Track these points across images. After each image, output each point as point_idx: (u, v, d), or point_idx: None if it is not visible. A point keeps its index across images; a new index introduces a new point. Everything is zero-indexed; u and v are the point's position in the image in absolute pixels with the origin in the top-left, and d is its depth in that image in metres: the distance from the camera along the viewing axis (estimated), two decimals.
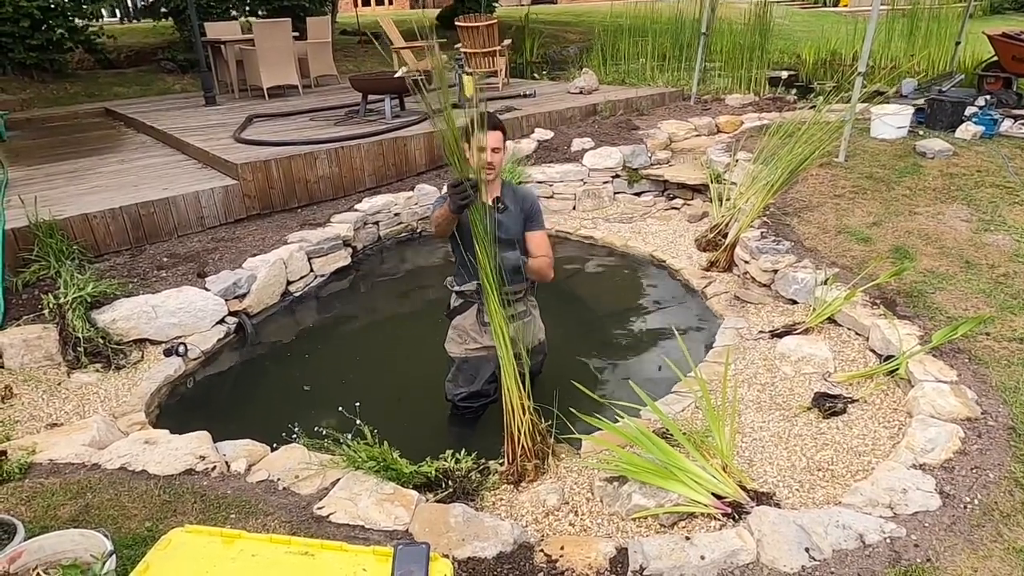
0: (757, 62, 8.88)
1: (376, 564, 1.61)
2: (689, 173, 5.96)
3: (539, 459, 2.63)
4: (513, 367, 2.55)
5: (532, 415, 2.61)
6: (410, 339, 4.16)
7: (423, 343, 3.93)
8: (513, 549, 2.11)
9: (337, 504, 2.28)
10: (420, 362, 3.80)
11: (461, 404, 3.12)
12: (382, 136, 5.97)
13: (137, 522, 2.18)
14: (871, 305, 3.48)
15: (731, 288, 4.27)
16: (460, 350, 3.06)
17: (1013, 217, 4.13)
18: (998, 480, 2.26)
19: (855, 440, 2.70)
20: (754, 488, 2.43)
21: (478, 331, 3.00)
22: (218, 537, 1.69)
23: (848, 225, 4.24)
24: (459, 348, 3.06)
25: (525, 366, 2.59)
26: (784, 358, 3.36)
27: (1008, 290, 3.47)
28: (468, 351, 3.04)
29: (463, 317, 3.03)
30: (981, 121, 5.45)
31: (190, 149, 6.14)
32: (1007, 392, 2.71)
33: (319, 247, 4.85)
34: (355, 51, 13.51)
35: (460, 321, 3.04)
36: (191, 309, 3.95)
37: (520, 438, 2.57)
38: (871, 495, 2.23)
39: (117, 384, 3.48)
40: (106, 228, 4.56)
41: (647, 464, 2.42)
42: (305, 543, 1.68)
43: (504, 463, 2.65)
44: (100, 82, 10.48)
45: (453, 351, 3.09)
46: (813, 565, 1.98)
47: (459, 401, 3.11)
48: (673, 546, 2.04)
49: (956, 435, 2.48)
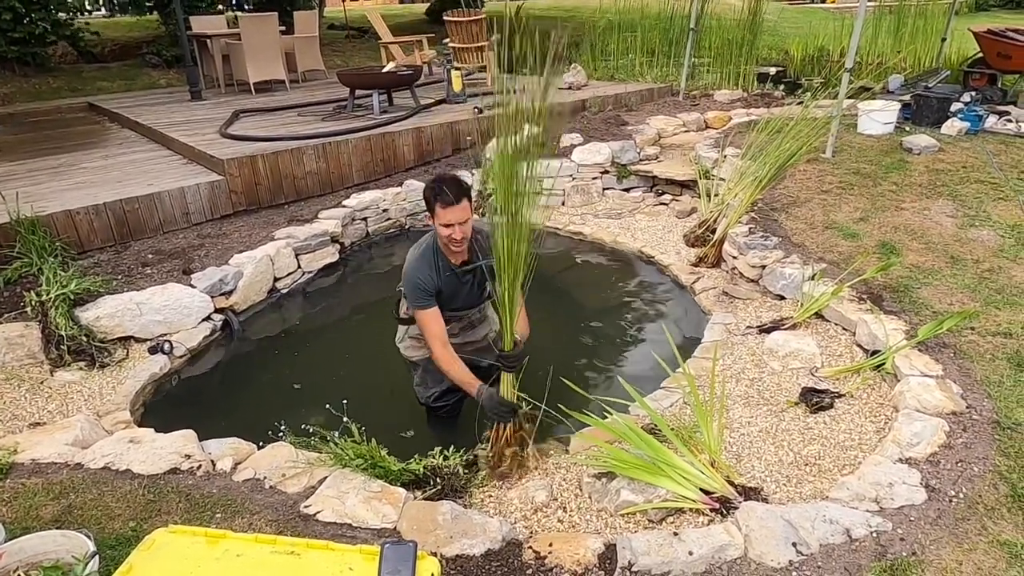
0: (746, 58, 8.89)
1: (363, 563, 1.60)
2: (678, 169, 5.97)
3: (519, 446, 2.63)
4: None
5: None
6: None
7: None
8: (501, 546, 2.10)
9: (324, 502, 2.27)
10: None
11: (435, 404, 3.11)
12: (370, 132, 5.93)
13: (121, 522, 2.16)
14: (858, 300, 3.50)
15: (719, 283, 4.28)
16: (420, 353, 3.00)
17: (998, 213, 4.16)
18: (983, 473, 2.28)
19: (842, 435, 2.72)
20: (742, 483, 2.43)
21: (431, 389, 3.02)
22: (202, 537, 1.67)
23: (835, 221, 4.26)
24: (419, 352, 3.01)
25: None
26: (772, 353, 3.37)
27: (992, 285, 3.50)
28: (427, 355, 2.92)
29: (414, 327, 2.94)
30: (967, 117, 5.49)
31: (175, 145, 6.07)
32: (991, 386, 2.73)
33: (306, 243, 4.82)
34: (343, 46, 13.42)
35: (413, 330, 2.99)
36: (176, 306, 3.91)
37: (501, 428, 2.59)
38: (858, 489, 2.24)
39: (101, 382, 3.44)
40: (90, 224, 4.50)
41: (635, 460, 2.42)
42: (291, 542, 1.67)
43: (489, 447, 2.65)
44: (83, 76, 10.35)
45: (413, 355, 3.05)
46: (800, 560, 1.98)
47: (433, 403, 3.11)
48: (661, 542, 2.04)
49: (941, 429, 2.50)
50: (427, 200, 2.60)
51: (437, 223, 2.57)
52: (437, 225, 2.58)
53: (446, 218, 2.53)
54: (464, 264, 2.75)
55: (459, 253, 2.71)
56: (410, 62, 8.82)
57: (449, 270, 2.74)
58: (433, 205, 2.55)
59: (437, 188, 2.55)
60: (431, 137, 6.28)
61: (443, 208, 2.52)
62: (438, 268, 2.72)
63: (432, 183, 2.62)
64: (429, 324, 2.71)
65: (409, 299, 2.78)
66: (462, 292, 2.84)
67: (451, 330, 2.90)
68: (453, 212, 2.52)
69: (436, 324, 2.72)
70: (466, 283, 2.84)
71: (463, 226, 2.57)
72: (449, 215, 2.52)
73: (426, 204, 2.62)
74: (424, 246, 2.75)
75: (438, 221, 2.56)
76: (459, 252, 2.70)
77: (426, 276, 2.68)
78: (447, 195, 2.52)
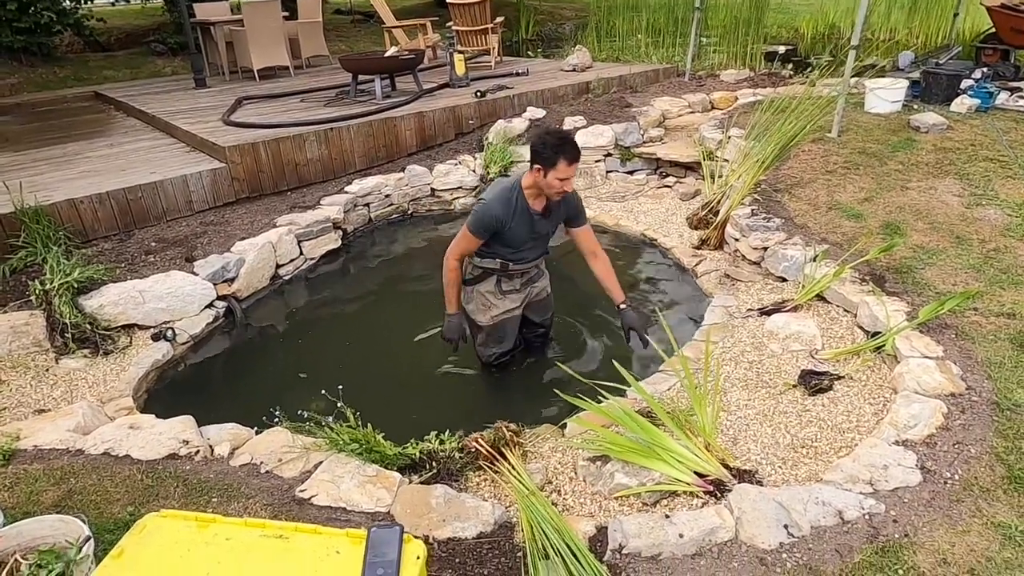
0: (753, 37, 8.76)
1: (350, 546, 1.61)
2: (682, 151, 5.90)
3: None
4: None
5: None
6: (401, 321, 4.15)
7: (414, 325, 3.93)
8: (494, 529, 2.12)
9: (319, 486, 2.29)
10: (410, 344, 3.80)
11: (496, 363, 3.44)
12: (372, 117, 5.91)
13: (119, 507, 2.19)
14: (860, 282, 3.46)
15: (721, 266, 4.25)
16: (487, 317, 3.26)
17: (1006, 191, 4.09)
18: (979, 455, 2.26)
19: (840, 417, 2.70)
20: (737, 466, 2.43)
21: (499, 298, 3.23)
22: (193, 522, 1.69)
23: (839, 201, 4.21)
24: (486, 316, 3.26)
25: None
26: (772, 336, 3.34)
27: (998, 265, 3.45)
28: (494, 317, 3.26)
29: (482, 284, 3.23)
30: (977, 94, 5.39)
31: (178, 132, 6.08)
32: (992, 367, 2.70)
33: (308, 230, 4.83)
34: (348, 31, 13.35)
35: (480, 288, 3.23)
36: (179, 294, 3.94)
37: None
38: (852, 471, 2.23)
39: (105, 369, 3.48)
40: (93, 213, 4.53)
41: (630, 443, 2.42)
42: (280, 526, 1.68)
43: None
44: (90, 65, 10.38)
45: (480, 319, 3.28)
46: (791, 542, 1.98)
47: (494, 361, 3.43)
48: (652, 524, 2.05)
49: (939, 411, 2.48)
50: (542, 153, 2.76)
51: (553, 176, 2.76)
52: (551, 178, 2.77)
53: (566, 172, 2.75)
54: (544, 212, 3.00)
55: (544, 199, 2.97)
56: (414, 46, 8.76)
57: (526, 212, 2.95)
58: (555, 159, 2.73)
59: (562, 144, 2.75)
60: (433, 121, 6.25)
61: (567, 164, 2.73)
62: (515, 209, 2.93)
63: (556, 139, 2.78)
64: (466, 242, 3.01)
65: (471, 221, 2.97)
66: (530, 234, 3.04)
67: (514, 285, 3.24)
68: (572, 169, 2.77)
69: (471, 245, 3.02)
70: (539, 230, 3.06)
71: (571, 181, 2.83)
72: (569, 171, 2.76)
73: (536, 155, 2.79)
74: (509, 186, 2.96)
75: (555, 175, 2.75)
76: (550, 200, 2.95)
77: (499, 213, 2.90)
78: (572, 152, 2.74)
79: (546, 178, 2.79)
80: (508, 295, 3.25)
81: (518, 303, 3.30)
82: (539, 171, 2.80)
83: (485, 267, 3.19)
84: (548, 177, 2.78)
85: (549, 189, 2.83)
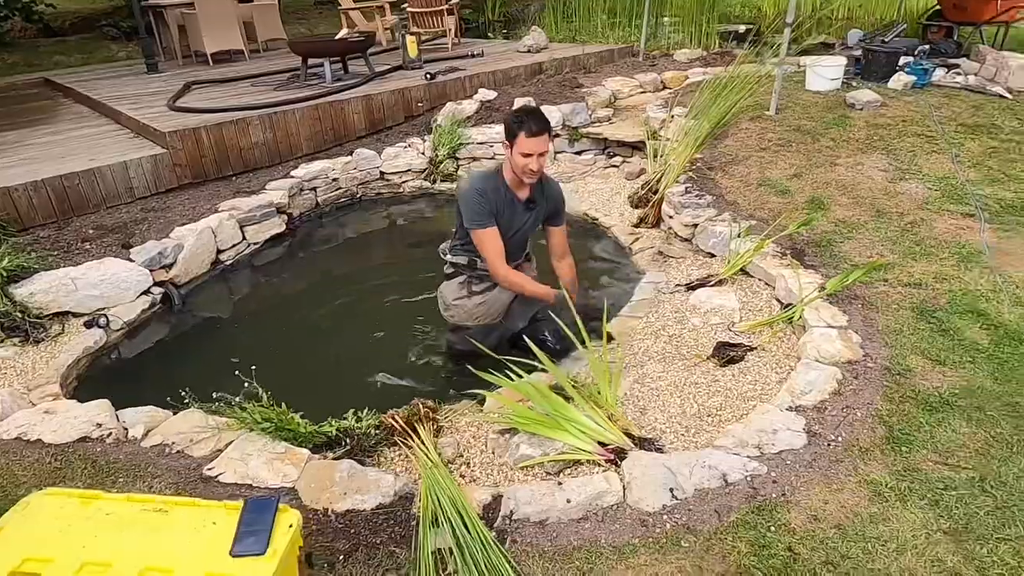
0: (709, 16, 8.79)
1: (226, 516, 1.66)
2: (628, 131, 5.95)
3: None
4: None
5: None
6: (345, 305, 4.17)
7: (358, 309, 3.96)
8: (393, 500, 2.17)
9: (227, 464, 2.33)
10: (353, 328, 3.83)
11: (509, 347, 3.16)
12: (318, 101, 5.88)
13: (26, 489, 2.21)
14: (780, 256, 3.55)
15: (656, 243, 4.32)
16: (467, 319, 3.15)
17: (929, 166, 4.19)
18: (864, 418, 2.35)
19: (746, 386, 2.79)
20: (640, 435, 2.50)
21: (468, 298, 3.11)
22: (76, 499, 1.73)
23: (769, 178, 4.29)
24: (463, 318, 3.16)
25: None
26: (695, 310, 3.42)
27: (913, 237, 3.55)
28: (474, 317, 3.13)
29: (450, 284, 3.15)
30: (913, 71, 5.48)
31: (123, 118, 6.01)
32: (891, 335, 2.80)
33: (251, 215, 4.82)
34: (309, 14, 13.19)
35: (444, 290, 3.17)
36: (114, 280, 3.93)
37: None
38: (742, 436, 2.32)
39: (35, 357, 3.47)
40: (29, 201, 4.48)
41: (537, 416, 2.49)
42: (162, 500, 1.73)
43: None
44: (41, 51, 10.17)
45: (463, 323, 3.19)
46: (674, 504, 2.06)
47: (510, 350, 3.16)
48: (544, 492, 2.12)
49: (834, 377, 2.57)
50: (508, 128, 2.74)
51: (516, 151, 2.72)
52: (515, 154, 2.73)
53: (527, 147, 2.68)
54: (528, 201, 2.92)
55: (527, 188, 2.87)
56: (370, 28, 8.69)
57: (512, 200, 2.88)
58: (516, 133, 2.69)
59: (522, 118, 2.71)
60: (382, 104, 6.23)
61: (527, 137, 2.67)
62: (500, 193, 2.86)
63: (517, 113, 2.78)
64: (490, 242, 2.84)
65: (468, 217, 2.86)
66: (516, 224, 2.96)
67: (487, 285, 3.07)
68: (534, 142, 2.69)
69: (494, 241, 2.84)
70: (524, 220, 2.98)
71: (540, 158, 2.74)
72: (531, 144, 2.68)
73: (506, 132, 2.76)
74: (490, 171, 2.92)
75: (517, 149, 2.71)
76: (528, 185, 2.86)
77: (480, 185, 2.82)
78: (531, 125, 2.68)
79: (512, 155, 2.76)
80: (476, 296, 3.12)
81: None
82: (507, 148, 2.78)
83: (457, 263, 3.11)
84: (513, 153, 2.75)
85: (517, 168, 2.78)
